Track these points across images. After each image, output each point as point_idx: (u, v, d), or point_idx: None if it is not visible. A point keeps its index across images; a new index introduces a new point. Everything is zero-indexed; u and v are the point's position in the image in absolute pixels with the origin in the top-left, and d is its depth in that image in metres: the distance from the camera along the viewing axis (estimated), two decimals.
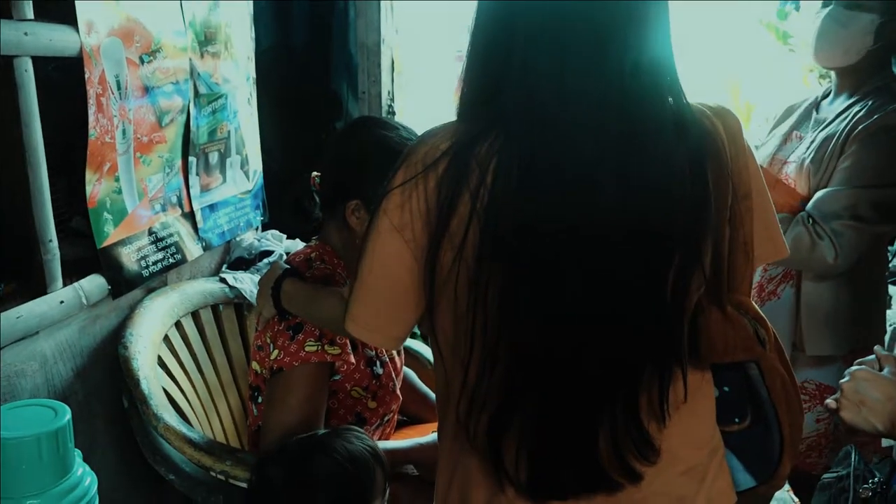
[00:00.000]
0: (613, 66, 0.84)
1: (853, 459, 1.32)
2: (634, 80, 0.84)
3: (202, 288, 1.97)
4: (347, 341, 1.38)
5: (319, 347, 1.34)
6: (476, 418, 0.92)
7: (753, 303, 1.01)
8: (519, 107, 0.86)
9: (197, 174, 2.01)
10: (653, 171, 0.85)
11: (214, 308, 1.99)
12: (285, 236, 2.35)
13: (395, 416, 1.61)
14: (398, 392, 1.54)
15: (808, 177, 1.71)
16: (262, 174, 2.38)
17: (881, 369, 1.17)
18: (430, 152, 0.90)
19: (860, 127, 1.63)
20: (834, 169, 1.66)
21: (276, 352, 1.35)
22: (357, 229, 1.42)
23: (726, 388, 1.04)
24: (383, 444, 1.40)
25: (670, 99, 0.88)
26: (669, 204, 0.86)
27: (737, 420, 1.05)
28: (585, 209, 0.84)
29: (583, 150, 0.84)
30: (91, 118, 1.55)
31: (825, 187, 1.66)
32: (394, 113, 3.10)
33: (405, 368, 1.75)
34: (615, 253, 0.85)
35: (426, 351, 1.98)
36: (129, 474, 1.76)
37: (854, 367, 1.17)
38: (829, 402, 1.15)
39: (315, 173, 1.52)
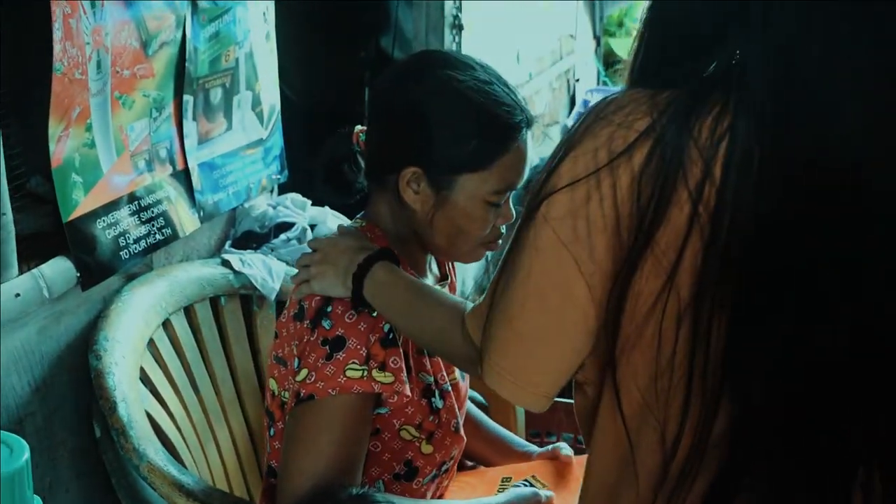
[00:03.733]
0: None
1: None
2: None
3: (198, 274, 2.03)
4: (403, 364, 1.41)
5: (365, 373, 1.38)
6: None
7: None
8: (760, 63, 0.85)
9: (194, 119, 2.07)
10: None
11: (214, 302, 2.05)
12: (309, 202, 2.40)
13: (456, 465, 1.64)
14: (462, 432, 1.57)
15: None
16: (280, 116, 2.43)
17: None
18: (619, 134, 0.89)
19: None
20: None
21: (304, 372, 1.40)
22: (415, 207, 1.45)
23: None
24: None
25: None
26: None
27: None
28: (856, 212, 0.83)
29: (850, 131, 0.83)
30: (56, 46, 1.61)
31: None
32: (461, 27, 3.11)
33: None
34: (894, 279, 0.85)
35: None
36: None
37: None
38: None
39: (359, 127, 1.54)
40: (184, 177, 2.06)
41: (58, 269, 1.70)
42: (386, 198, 1.50)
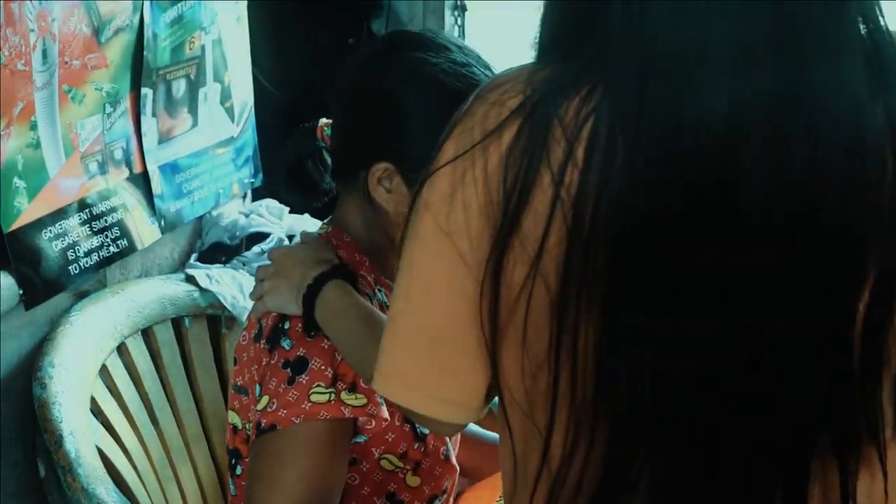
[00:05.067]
0: None
1: None
2: None
3: (159, 292, 2.05)
4: None
5: (332, 396, 1.39)
6: None
7: None
8: (627, 41, 0.89)
9: (154, 115, 2.09)
10: (831, 136, 0.87)
11: (177, 323, 2.07)
12: (287, 210, 2.42)
13: (451, 497, 1.65)
14: (454, 461, 1.58)
15: None
16: (254, 112, 2.46)
17: None
18: (493, 112, 0.93)
19: None
20: None
21: (265, 399, 1.41)
22: (387, 207, 1.46)
23: None
24: None
25: (861, 23, 0.90)
26: (859, 192, 0.88)
27: None
28: (722, 200, 0.87)
29: (721, 114, 0.86)
30: None
31: None
32: (464, 9, 3.14)
33: None
34: (773, 265, 0.88)
35: None
36: None
37: None
38: None
39: (324, 121, 1.56)
40: (142, 181, 2.08)
41: None
42: (355, 199, 1.51)
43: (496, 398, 1.02)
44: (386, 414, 1.43)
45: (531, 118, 0.90)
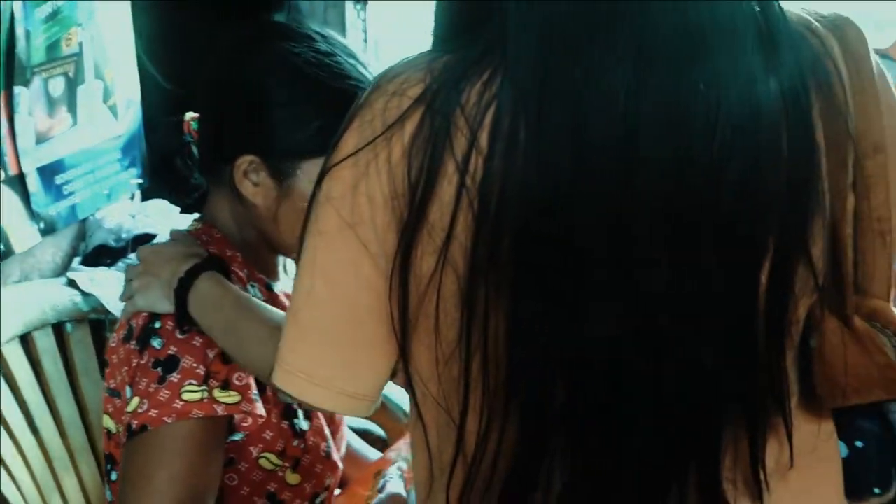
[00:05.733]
0: None
1: None
2: None
3: (39, 296, 2.00)
4: (251, 381, 1.40)
5: (205, 394, 1.36)
6: None
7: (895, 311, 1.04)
8: (525, 23, 0.89)
9: (29, 114, 2.04)
10: (723, 117, 0.88)
11: (58, 329, 2.02)
12: (178, 210, 2.37)
13: (333, 495, 1.63)
14: (336, 458, 1.57)
15: None
16: (140, 109, 2.42)
17: None
18: (393, 102, 0.93)
19: None
20: None
21: (135, 400, 1.38)
22: (255, 201, 1.44)
23: (859, 444, 1.08)
24: None
25: (755, 4, 0.91)
26: (755, 166, 0.89)
27: (878, 491, 1.08)
28: (624, 180, 0.88)
29: (619, 94, 0.87)
30: None
31: None
32: (366, 1, 3.12)
33: (352, 423, 1.78)
34: (675, 246, 0.89)
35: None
36: None
37: None
38: None
39: (190, 114, 1.54)
40: (18, 183, 2.04)
41: None
42: (224, 194, 1.49)
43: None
44: (261, 411, 1.41)
45: (433, 107, 0.91)
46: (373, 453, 1.85)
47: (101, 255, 2.22)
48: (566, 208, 0.88)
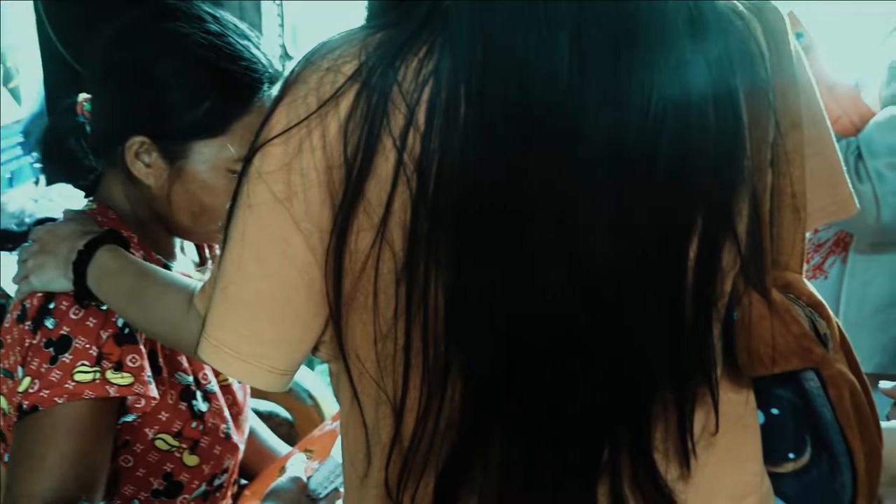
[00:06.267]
0: None
1: None
2: None
3: None
4: (145, 363, 1.40)
5: (97, 375, 1.36)
6: (414, 485, 0.99)
7: (808, 283, 1.08)
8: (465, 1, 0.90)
9: None
10: (657, 94, 0.91)
11: None
12: (83, 194, 2.35)
13: (233, 479, 1.64)
14: (236, 439, 1.57)
15: (881, 86, 1.80)
16: (44, 92, 2.38)
17: None
18: (328, 79, 0.93)
19: None
20: None
21: (27, 380, 1.37)
22: (148, 182, 1.44)
23: (775, 411, 1.11)
24: None
25: None
26: (684, 142, 0.92)
27: (792, 456, 1.11)
28: (566, 153, 0.90)
29: (559, 67, 0.89)
30: None
31: None
32: None
33: (258, 405, 1.78)
34: (609, 220, 0.91)
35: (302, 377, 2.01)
36: None
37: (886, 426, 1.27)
38: None
39: (83, 96, 1.53)
40: None
41: None
42: (117, 175, 1.48)
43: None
44: (154, 392, 1.41)
45: (369, 84, 0.91)
46: (282, 447, 1.85)
47: (4, 240, 2.20)
48: (508, 181, 0.90)
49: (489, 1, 0.89)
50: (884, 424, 1.24)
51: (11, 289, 2.02)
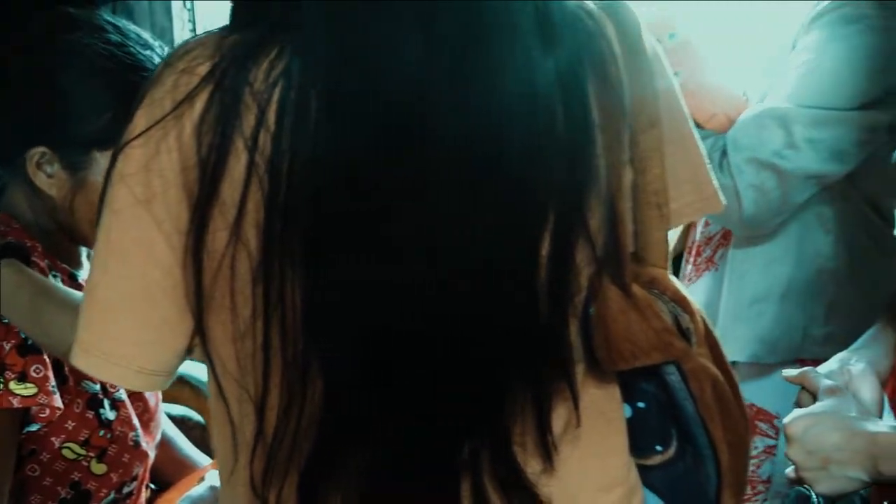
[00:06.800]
0: None
1: None
2: None
3: None
4: (49, 373, 1.39)
5: (0, 387, 1.35)
6: (279, 482, 0.99)
7: (674, 278, 1.10)
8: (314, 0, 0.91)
9: None
10: (504, 92, 0.92)
11: None
12: None
13: (144, 485, 1.63)
14: (145, 446, 1.57)
15: (758, 83, 1.87)
16: None
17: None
18: (183, 80, 0.94)
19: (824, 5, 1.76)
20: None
21: None
22: (51, 193, 1.44)
23: (641, 405, 1.13)
24: None
25: None
26: (533, 140, 0.93)
27: (659, 448, 1.13)
28: (416, 151, 0.91)
29: (409, 64, 0.90)
30: None
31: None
32: None
33: (170, 410, 1.77)
34: (459, 216, 0.93)
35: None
36: None
37: (786, 421, 1.32)
38: (788, 473, 1.31)
39: None
40: None
41: None
42: (21, 185, 1.47)
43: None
44: (59, 402, 1.40)
45: (221, 86, 0.92)
46: (201, 458, 1.83)
47: None
48: (359, 180, 0.91)
49: (339, 1, 0.91)
50: (802, 411, 1.31)
51: None
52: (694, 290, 2.00)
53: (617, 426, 1.12)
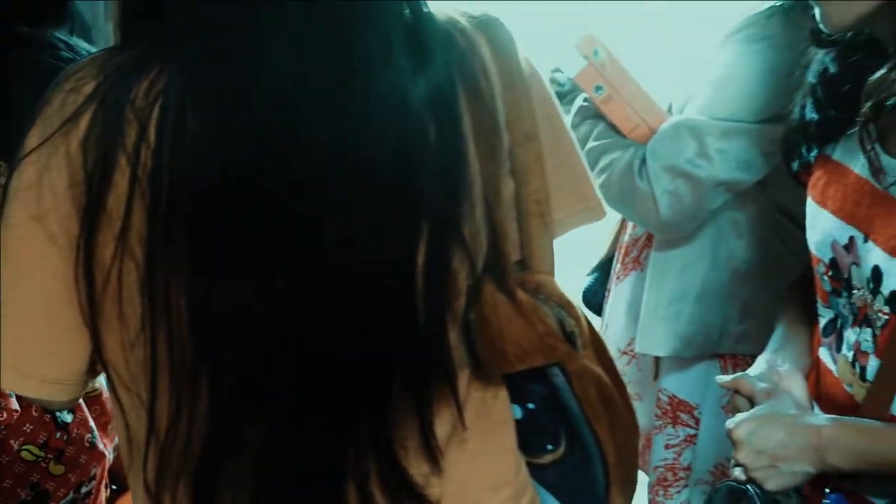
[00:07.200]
0: None
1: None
2: None
3: None
4: None
5: None
6: (173, 484, 1.01)
7: (557, 283, 1.13)
8: (191, 17, 0.95)
9: None
10: (375, 105, 0.95)
11: None
12: None
13: (103, 485, 1.68)
14: (102, 447, 1.62)
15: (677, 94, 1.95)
16: None
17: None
18: (70, 99, 0.96)
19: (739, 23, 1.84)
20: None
21: None
22: None
23: (531, 406, 1.17)
24: None
25: (406, 7, 0.99)
26: (403, 150, 0.96)
27: (550, 447, 1.18)
28: (291, 164, 0.94)
29: (282, 82, 0.93)
30: None
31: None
32: None
33: None
34: (334, 225, 0.95)
35: None
36: None
37: (729, 424, 1.36)
38: (737, 474, 1.35)
39: None
40: None
41: None
42: None
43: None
44: (16, 405, 1.45)
45: (104, 104, 0.94)
46: None
47: None
48: (237, 193, 0.93)
49: (213, 17, 0.94)
50: (745, 415, 1.35)
51: None
52: (621, 288, 2.08)
53: (504, 427, 1.15)
